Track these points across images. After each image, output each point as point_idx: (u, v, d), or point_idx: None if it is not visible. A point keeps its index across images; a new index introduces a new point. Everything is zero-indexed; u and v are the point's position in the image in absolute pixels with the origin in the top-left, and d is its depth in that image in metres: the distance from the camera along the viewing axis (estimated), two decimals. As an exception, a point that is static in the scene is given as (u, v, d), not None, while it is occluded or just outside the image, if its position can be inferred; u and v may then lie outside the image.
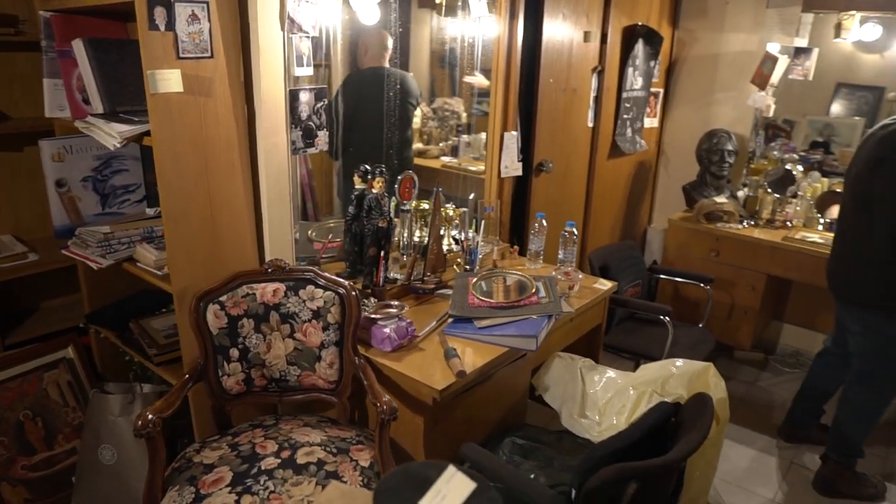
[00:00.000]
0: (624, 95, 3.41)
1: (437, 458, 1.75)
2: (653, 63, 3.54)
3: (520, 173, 2.90)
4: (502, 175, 2.82)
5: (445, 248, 2.53)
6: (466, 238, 2.51)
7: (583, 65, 3.13)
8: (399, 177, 2.33)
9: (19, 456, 2.26)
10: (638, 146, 3.64)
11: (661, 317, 2.83)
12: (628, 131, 3.55)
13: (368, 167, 2.19)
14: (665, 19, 3.63)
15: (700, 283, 3.25)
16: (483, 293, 2.17)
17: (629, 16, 3.30)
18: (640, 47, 3.38)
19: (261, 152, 1.99)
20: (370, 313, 1.97)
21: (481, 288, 2.21)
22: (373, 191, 2.18)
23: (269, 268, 1.96)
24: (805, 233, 3.30)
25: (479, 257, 2.50)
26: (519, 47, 2.71)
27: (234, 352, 1.91)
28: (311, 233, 2.49)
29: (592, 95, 3.26)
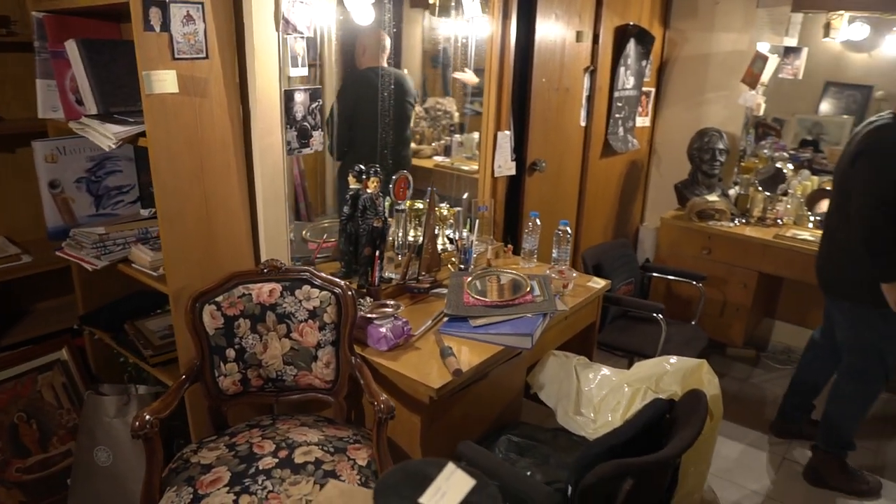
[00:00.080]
0: (616, 95, 3.42)
1: (434, 456, 1.75)
2: (644, 63, 3.56)
3: (513, 173, 2.91)
4: (496, 174, 2.83)
5: (440, 247, 2.54)
6: (461, 237, 2.52)
7: (575, 64, 3.14)
8: (394, 177, 2.34)
9: (14, 458, 2.25)
10: (630, 145, 3.66)
11: (655, 314, 2.86)
12: (620, 130, 3.57)
13: (363, 167, 2.20)
14: (656, 19, 3.66)
15: (692, 280, 3.27)
16: (478, 292, 2.18)
17: (621, 16, 3.32)
18: (631, 47, 3.40)
19: (256, 153, 1.99)
20: (366, 313, 1.97)
21: (476, 287, 2.22)
22: (367, 191, 2.19)
23: (265, 268, 1.96)
24: (796, 230, 3.33)
25: (474, 256, 2.51)
26: (512, 47, 2.73)
27: (230, 352, 1.91)
28: (305, 233, 2.49)
29: (585, 95, 3.27)
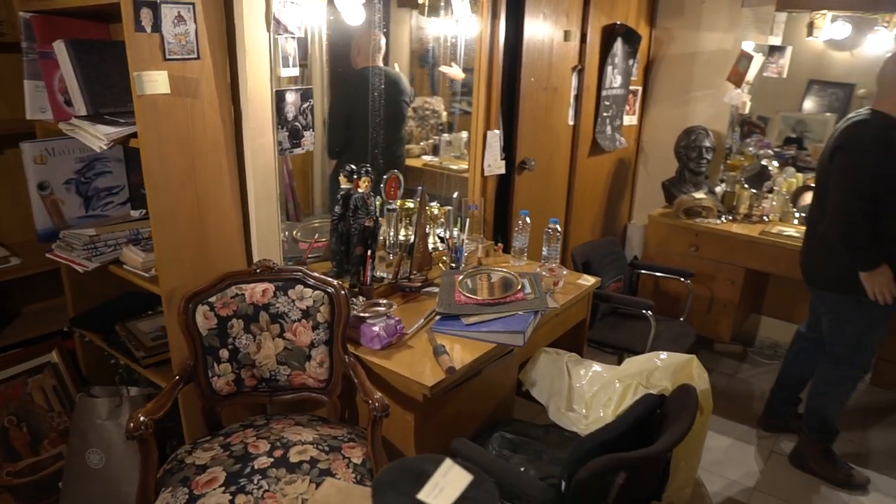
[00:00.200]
0: (603, 94, 3.45)
1: (428, 453, 1.77)
2: (631, 61, 3.59)
3: (503, 171, 2.93)
4: (486, 173, 2.85)
5: (431, 246, 2.55)
6: (451, 236, 2.54)
7: (563, 64, 3.16)
8: (385, 176, 2.35)
9: (4, 462, 2.23)
10: (618, 143, 3.69)
11: (644, 311, 2.88)
12: (608, 129, 3.60)
13: (354, 167, 2.20)
14: (643, 18, 3.69)
15: (680, 277, 3.31)
16: (469, 290, 2.19)
17: (608, 15, 3.34)
18: (618, 46, 3.43)
19: (248, 153, 1.99)
20: (359, 312, 1.98)
21: (467, 285, 2.23)
22: (358, 190, 2.20)
23: (258, 268, 1.96)
24: (781, 227, 3.38)
25: (465, 255, 2.52)
26: (501, 47, 2.74)
27: (223, 352, 1.91)
28: (296, 233, 2.49)
29: (573, 94, 3.30)
